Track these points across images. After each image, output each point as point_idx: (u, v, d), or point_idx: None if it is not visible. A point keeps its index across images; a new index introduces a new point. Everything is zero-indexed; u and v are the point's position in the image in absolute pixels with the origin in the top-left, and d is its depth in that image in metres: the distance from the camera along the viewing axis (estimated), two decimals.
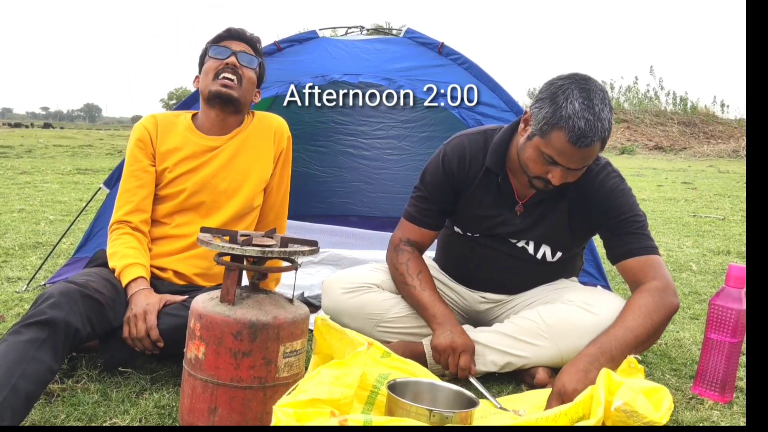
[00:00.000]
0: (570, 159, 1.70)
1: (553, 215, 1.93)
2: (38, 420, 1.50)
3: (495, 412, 1.58)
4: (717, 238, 4.75)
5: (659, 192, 8.11)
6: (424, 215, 2.03)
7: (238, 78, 1.95)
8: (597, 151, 1.70)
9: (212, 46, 2.00)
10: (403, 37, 2.98)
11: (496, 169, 1.92)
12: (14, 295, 2.55)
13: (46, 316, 1.49)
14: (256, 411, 1.38)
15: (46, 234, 3.92)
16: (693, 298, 3.01)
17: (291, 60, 2.95)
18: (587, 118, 1.64)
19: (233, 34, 2.01)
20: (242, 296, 1.44)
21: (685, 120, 17.84)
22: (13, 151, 11.49)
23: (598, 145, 1.68)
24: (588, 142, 1.65)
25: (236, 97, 1.95)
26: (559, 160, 1.71)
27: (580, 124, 1.64)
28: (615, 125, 16.98)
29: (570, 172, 1.74)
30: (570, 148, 1.67)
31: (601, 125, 1.66)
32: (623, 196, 1.86)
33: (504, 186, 1.94)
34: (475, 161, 1.95)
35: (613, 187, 1.86)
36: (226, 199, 1.97)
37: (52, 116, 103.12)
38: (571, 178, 1.77)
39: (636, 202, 1.89)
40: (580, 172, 1.78)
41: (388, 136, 4.27)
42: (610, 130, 1.71)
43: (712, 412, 1.71)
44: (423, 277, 1.96)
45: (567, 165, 1.71)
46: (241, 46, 2.00)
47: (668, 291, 1.76)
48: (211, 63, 1.97)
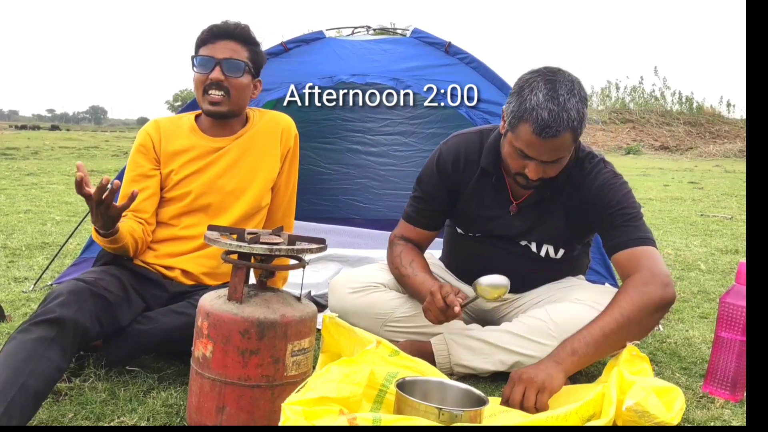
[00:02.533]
0: (539, 151, 1.69)
1: (550, 215, 1.92)
2: (46, 419, 1.50)
3: (504, 410, 1.56)
4: (725, 237, 4.73)
5: (666, 192, 8.07)
6: (420, 215, 2.04)
7: (225, 91, 1.89)
8: (568, 143, 1.69)
9: (197, 53, 1.92)
10: (410, 37, 2.97)
11: (491, 169, 1.92)
12: (21, 295, 2.56)
13: (56, 315, 1.49)
14: (264, 410, 1.38)
15: (53, 234, 3.93)
16: (702, 297, 2.99)
17: (298, 60, 2.94)
18: (551, 108, 1.64)
19: (216, 33, 1.91)
20: (250, 294, 1.44)
21: (691, 120, 17.79)
22: (19, 153, 11.54)
23: (568, 135, 1.67)
24: (553, 132, 1.65)
25: (226, 111, 1.92)
26: (529, 153, 1.70)
27: (543, 115, 1.64)
28: (620, 125, 16.79)
29: (545, 165, 1.73)
30: (536, 140, 1.67)
31: (568, 115, 1.65)
32: (613, 190, 1.83)
33: (499, 186, 1.94)
34: (471, 161, 1.95)
35: (604, 181, 1.85)
36: (233, 200, 1.96)
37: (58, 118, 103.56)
38: (551, 172, 1.76)
39: (629, 195, 1.84)
40: (558, 166, 1.76)
41: (395, 133, 4.28)
42: (582, 121, 1.70)
43: (723, 411, 1.70)
44: (416, 264, 1.97)
45: (538, 158, 1.71)
46: (226, 47, 1.90)
47: (651, 282, 1.69)
48: (197, 76, 1.91)
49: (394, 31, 3.40)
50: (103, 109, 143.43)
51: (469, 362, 1.87)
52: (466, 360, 1.88)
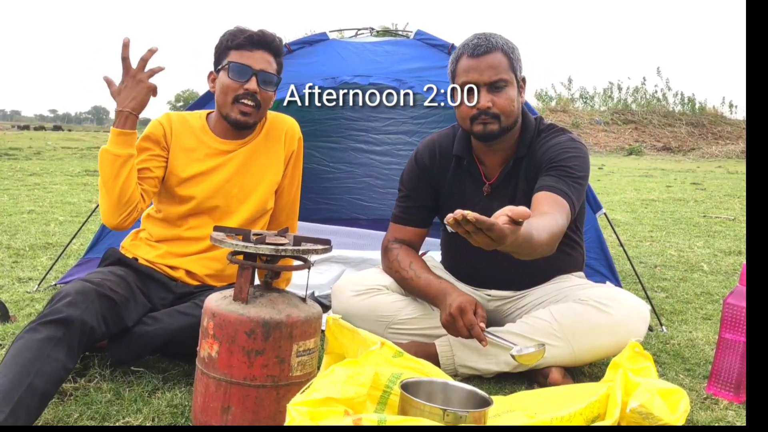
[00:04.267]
0: (478, 72, 1.83)
1: (518, 189, 1.94)
2: (51, 419, 1.50)
3: (508, 411, 1.57)
4: (728, 239, 4.72)
5: (668, 193, 8.07)
6: (407, 213, 2.07)
7: (257, 104, 1.88)
8: (504, 64, 1.83)
9: (232, 59, 1.87)
10: (414, 38, 2.98)
11: (462, 153, 1.99)
12: (25, 295, 2.57)
13: (63, 315, 1.49)
14: (269, 410, 1.38)
15: (56, 235, 3.93)
16: (705, 298, 2.99)
17: (301, 62, 2.95)
18: (478, 37, 1.87)
19: (255, 42, 1.87)
20: (255, 295, 1.44)
21: (693, 121, 17.75)
22: (22, 153, 11.55)
23: (500, 55, 1.83)
24: (483, 50, 1.83)
25: (252, 122, 1.92)
26: (470, 78, 1.84)
27: (472, 41, 1.86)
28: (622, 126, 16.76)
29: (492, 93, 1.83)
30: (472, 62, 1.84)
31: (495, 39, 1.85)
32: (562, 151, 1.85)
33: (473, 170, 2.00)
34: (446, 152, 2.04)
35: (556, 143, 1.89)
36: (238, 203, 1.97)
37: (60, 119, 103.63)
38: (500, 102, 1.83)
39: (575, 159, 1.83)
40: (504, 96, 1.84)
41: (399, 132, 4.29)
42: (513, 48, 1.87)
43: (727, 412, 1.70)
44: (416, 265, 1.99)
45: (479, 79, 1.83)
46: (263, 58, 1.88)
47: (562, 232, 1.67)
48: (230, 83, 1.86)
49: (397, 32, 3.41)
50: (105, 110, 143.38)
51: (474, 363, 1.88)
52: (470, 361, 1.88)
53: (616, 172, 10.90)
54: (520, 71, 1.89)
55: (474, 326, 1.74)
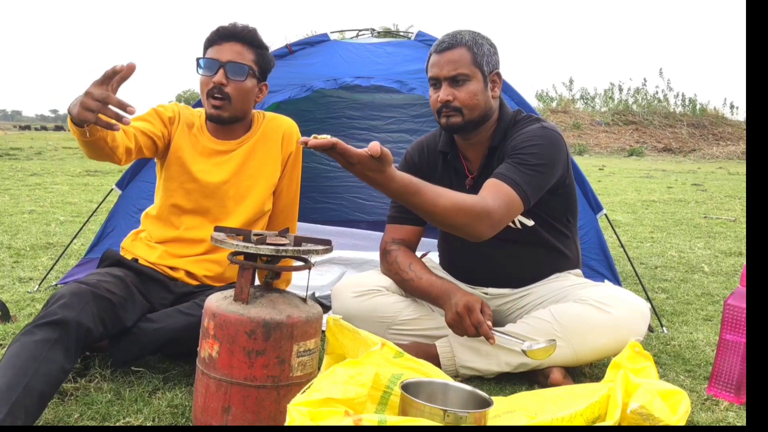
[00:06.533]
0: (440, 66, 1.90)
1: None
2: (52, 419, 1.50)
3: (508, 411, 1.57)
4: (729, 240, 4.72)
5: (669, 194, 8.07)
6: (402, 212, 2.08)
7: (226, 96, 1.88)
8: (466, 59, 1.87)
9: (203, 54, 1.92)
10: (415, 39, 2.98)
11: (446, 149, 2.04)
12: (26, 296, 2.57)
13: (58, 317, 1.49)
14: (269, 410, 1.38)
15: (57, 235, 3.94)
16: (706, 299, 2.99)
17: (303, 63, 2.95)
18: (446, 35, 1.94)
19: (222, 34, 1.90)
20: (256, 295, 1.44)
21: (694, 122, 17.74)
22: (23, 153, 11.56)
23: (463, 51, 1.88)
24: (446, 46, 1.90)
25: (227, 117, 1.91)
26: (433, 73, 1.91)
27: (439, 39, 1.94)
28: (623, 126, 16.72)
29: (454, 87, 1.88)
30: (435, 58, 1.92)
31: (461, 36, 1.91)
32: (527, 138, 1.86)
33: (456, 164, 2.03)
34: (433, 150, 2.10)
35: (527, 131, 1.90)
36: (235, 205, 1.97)
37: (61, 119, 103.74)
38: (461, 95, 1.88)
39: (537, 147, 1.83)
40: (465, 90, 1.87)
41: (400, 130, 4.30)
42: (481, 44, 1.91)
43: (727, 414, 1.70)
44: (416, 266, 1.99)
45: (440, 73, 1.89)
46: (232, 49, 1.89)
47: (485, 214, 1.64)
48: (201, 79, 1.91)
49: (398, 33, 3.41)
50: None
51: (474, 364, 1.88)
52: (471, 362, 1.88)
53: (617, 173, 10.91)
54: (489, 66, 1.91)
55: (482, 324, 1.75)
